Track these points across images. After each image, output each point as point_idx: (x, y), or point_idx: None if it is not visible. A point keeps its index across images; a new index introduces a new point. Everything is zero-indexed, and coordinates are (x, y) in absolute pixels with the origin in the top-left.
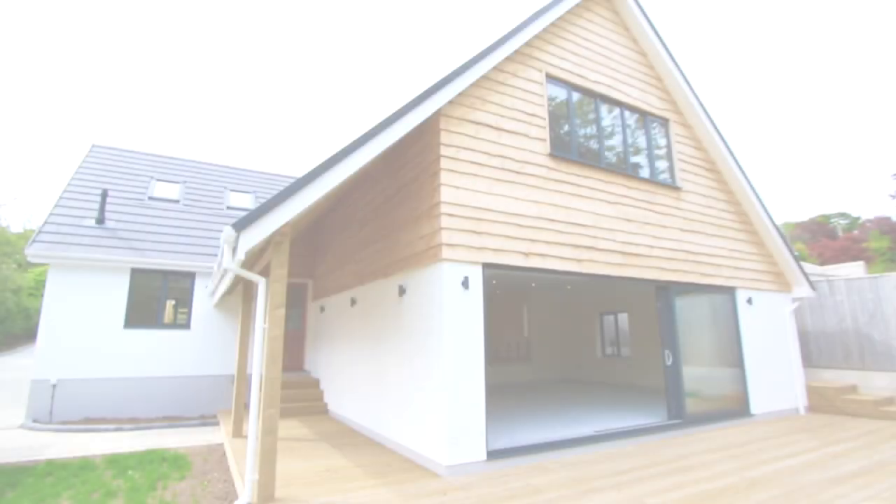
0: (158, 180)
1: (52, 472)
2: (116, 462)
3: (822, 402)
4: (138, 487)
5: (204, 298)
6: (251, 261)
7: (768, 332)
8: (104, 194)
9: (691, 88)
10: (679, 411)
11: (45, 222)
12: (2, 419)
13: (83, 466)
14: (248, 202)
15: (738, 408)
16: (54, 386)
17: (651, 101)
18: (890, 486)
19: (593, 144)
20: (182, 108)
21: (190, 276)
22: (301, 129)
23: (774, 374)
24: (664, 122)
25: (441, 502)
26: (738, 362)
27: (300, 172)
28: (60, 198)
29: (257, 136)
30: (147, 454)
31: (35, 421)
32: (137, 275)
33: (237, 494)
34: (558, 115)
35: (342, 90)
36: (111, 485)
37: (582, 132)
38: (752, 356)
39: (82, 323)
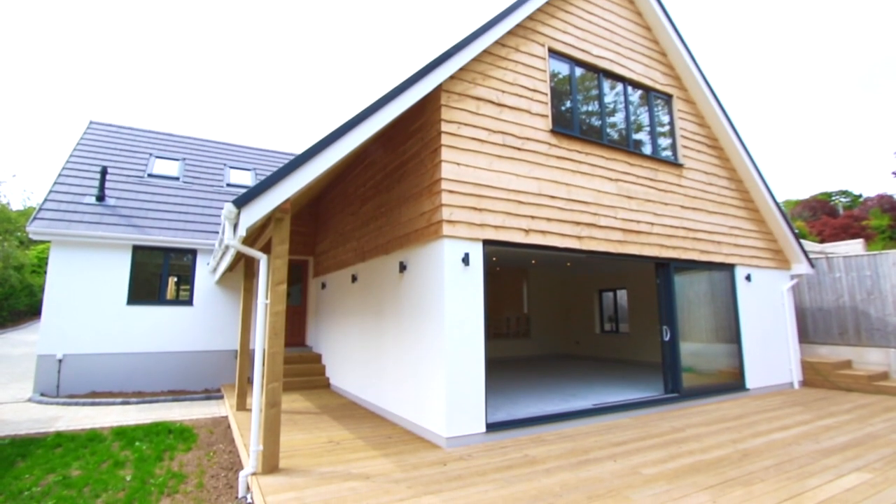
0: (158, 157)
1: (61, 443)
2: (124, 434)
3: (816, 377)
4: (146, 458)
5: (206, 275)
6: (252, 237)
7: (766, 309)
8: (104, 171)
9: (696, 63)
10: (676, 385)
11: (46, 199)
12: (10, 393)
13: (91, 438)
14: (247, 179)
15: (733, 382)
16: (60, 361)
17: (655, 77)
18: (880, 458)
19: (595, 121)
20: (180, 84)
21: (191, 253)
22: (301, 106)
23: (770, 350)
24: (667, 98)
25: (441, 472)
26: (734, 338)
27: (300, 149)
28: (60, 175)
29: (257, 112)
30: (153, 426)
31: (42, 395)
32: (139, 252)
33: (242, 465)
34: (560, 91)
35: (343, 65)
36: (119, 456)
37: (584, 109)
38: (749, 332)
39: (86, 299)
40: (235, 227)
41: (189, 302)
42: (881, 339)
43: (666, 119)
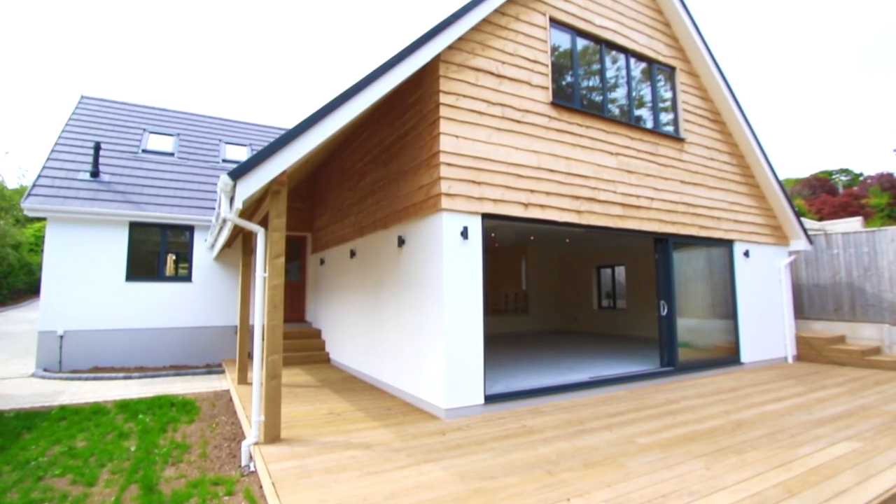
0: (151, 133)
1: (66, 416)
2: (127, 407)
3: (810, 351)
4: (150, 430)
5: (204, 252)
6: (249, 211)
7: (763, 285)
8: (97, 147)
9: (700, 35)
10: (671, 359)
11: (40, 175)
12: (13, 368)
13: (95, 411)
14: (243, 155)
15: (728, 356)
16: (61, 337)
17: (658, 48)
18: (870, 427)
19: (596, 96)
20: (173, 58)
21: (188, 230)
22: (299, 80)
23: (766, 325)
24: (671, 71)
25: (440, 441)
26: (731, 314)
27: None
28: (53, 151)
29: (253, 87)
30: (156, 400)
31: (45, 370)
32: (136, 228)
33: (245, 435)
34: (561, 63)
35: (340, 38)
36: (123, 427)
37: (586, 84)
38: (745, 308)
39: (84, 276)
40: (232, 200)
41: (188, 278)
42: (875, 315)
43: (668, 93)
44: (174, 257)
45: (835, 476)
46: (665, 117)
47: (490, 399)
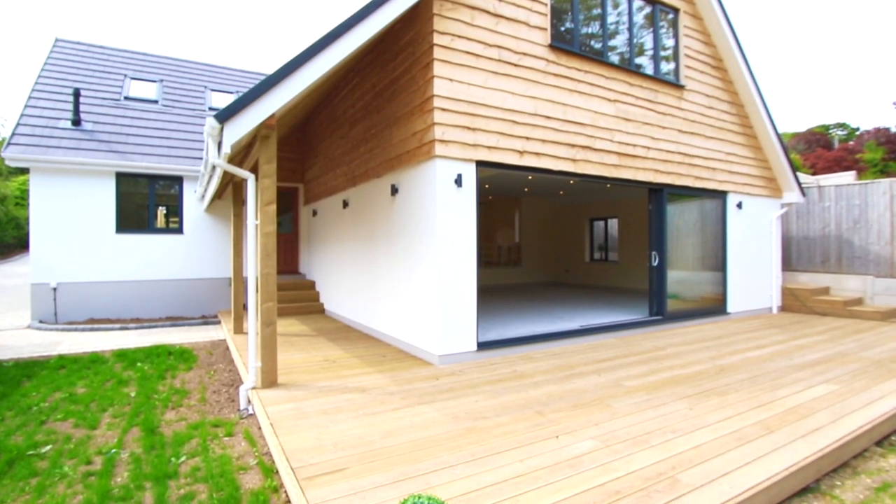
0: (133, 79)
1: (65, 365)
2: (125, 356)
3: (794, 302)
4: (148, 377)
5: (194, 203)
6: (238, 158)
7: (753, 237)
8: (76, 93)
9: None
10: (660, 308)
11: (19, 124)
12: (9, 321)
13: (94, 360)
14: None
15: (715, 306)
16: (55, 289)
17: None
18: (846, 372)
19: (596, 42)
20: None
21: (177, 181)
22: (289, 22)
23: (754, 277)
24: (674, 13)
25: (434, 385)
26: (720, 266)
27: None
28: (30, 98)
29: (239, 29)
30: (154, 349)
31: (41, 322)
32: (123, 179)
33: (242, 381)
34: (561, 6)
35: None
36: (122, 375)
37: (585, 31)
38: (735, 259)
39: (73, 228)
40: (219, 144)
41: (179, 230)
42: (861, 267)
43: (670, 35)
44: (164, 210)
45: (811, 415)
46: (665, 63)
47: (483, 346)
